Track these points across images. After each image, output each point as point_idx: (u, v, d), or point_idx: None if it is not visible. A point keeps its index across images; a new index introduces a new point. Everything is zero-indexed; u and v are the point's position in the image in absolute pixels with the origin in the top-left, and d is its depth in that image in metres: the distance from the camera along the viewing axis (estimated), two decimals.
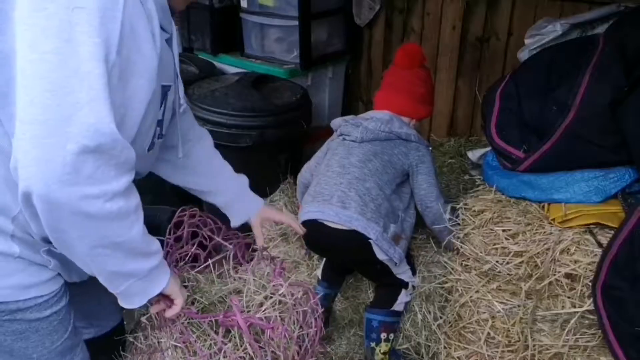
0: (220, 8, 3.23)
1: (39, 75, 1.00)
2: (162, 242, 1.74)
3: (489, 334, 1.87)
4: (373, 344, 2.22)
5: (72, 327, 1.43)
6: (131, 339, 1.72)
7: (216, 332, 1.54)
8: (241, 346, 1.54)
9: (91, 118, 1.02)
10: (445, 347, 2.03)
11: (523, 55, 2.33)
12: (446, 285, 2.02)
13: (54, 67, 1.00)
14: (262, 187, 2.65)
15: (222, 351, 1.52)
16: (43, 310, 1.33)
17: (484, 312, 1.88)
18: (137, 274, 1.27)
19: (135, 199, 1.19)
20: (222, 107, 2.53)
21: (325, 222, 2.11)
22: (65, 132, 1.01)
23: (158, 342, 1.62)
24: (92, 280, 1.33)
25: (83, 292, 1.49)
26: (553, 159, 1.87)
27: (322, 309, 1.75)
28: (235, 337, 1.55)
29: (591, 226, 1.77)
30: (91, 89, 1.02)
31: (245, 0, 3.11)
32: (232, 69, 3.25)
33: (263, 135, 2.53)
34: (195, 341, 1.53)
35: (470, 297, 1.90)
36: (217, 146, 2.63)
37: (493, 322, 1.87)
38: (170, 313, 1.46)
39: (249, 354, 1.52)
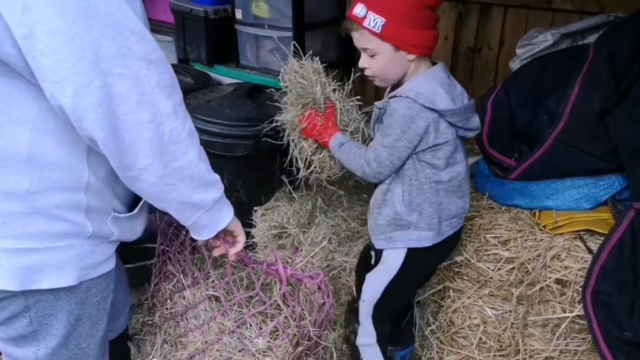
0: (216, 19, 3.24)
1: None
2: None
3: (480, 338, 1.89)
4: None
5: (107, 321, 1.47)
6: (149, 319, 1.80)
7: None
8: (271, 298, 1.64)
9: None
10: (437, 352, 2.04)
11: (514, 64, 2.35)
12: (438, 292, 2.03)
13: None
14: (258, 195, 2.66)
15: (257, 295, 1.62)
16: (101, 291, 1.38)
17: (476, 318, 1.90)
18: (203, 205, 1.33)
19: (188, 123, 1.24)
20: (217, 117, 2.54)
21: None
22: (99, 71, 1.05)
23: (189, 299, 1.70)
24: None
25: None
26: (544, 166, 1.90)
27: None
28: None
29: (581, 233, 1.79)
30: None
31: (240, 11, 3.12)
32: (227, 80, 3.26)
33: (258, 145, 2.55)
34: (233, 284, 1.64)
35: (463, 303, 1.92)
36: (212, 155, 2.66)
37: (485, 327, 1.88)
38: (234, 250, 1.51)
39: (278, 305, 1.62)
